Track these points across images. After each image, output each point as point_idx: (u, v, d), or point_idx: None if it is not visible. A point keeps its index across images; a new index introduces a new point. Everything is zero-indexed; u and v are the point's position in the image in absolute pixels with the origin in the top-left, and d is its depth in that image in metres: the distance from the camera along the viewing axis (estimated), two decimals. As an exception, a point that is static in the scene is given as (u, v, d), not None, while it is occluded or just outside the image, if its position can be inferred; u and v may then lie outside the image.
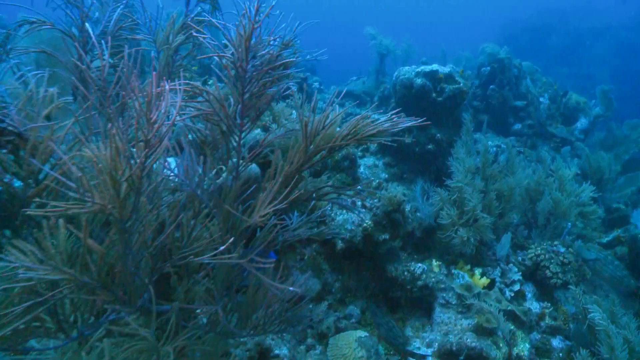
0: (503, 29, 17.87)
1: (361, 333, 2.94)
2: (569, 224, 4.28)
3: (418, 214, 3.75)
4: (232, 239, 1.28)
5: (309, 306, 2.95)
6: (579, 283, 3.71)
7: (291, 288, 1.34)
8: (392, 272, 3.14)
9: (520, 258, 3.86)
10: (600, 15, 18.13)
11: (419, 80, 4.54)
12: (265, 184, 1.45)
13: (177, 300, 1.78)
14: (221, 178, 1.79)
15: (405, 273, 3.10)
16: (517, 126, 6.64)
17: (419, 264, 3.16)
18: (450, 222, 3.55)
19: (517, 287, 3.46)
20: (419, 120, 1.83)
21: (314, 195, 1.67)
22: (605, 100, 7.13)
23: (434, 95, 4.54)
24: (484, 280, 3.37)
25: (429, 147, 4.54)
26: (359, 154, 4.86)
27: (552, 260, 3.76)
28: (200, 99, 1.52)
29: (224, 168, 1.56)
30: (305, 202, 2.20)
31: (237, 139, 1.49)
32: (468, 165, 3.82)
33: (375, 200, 3.10)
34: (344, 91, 6.38)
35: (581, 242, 3.76)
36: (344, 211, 3.10)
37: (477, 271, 3.47)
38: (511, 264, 3.68)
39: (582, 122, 6.91)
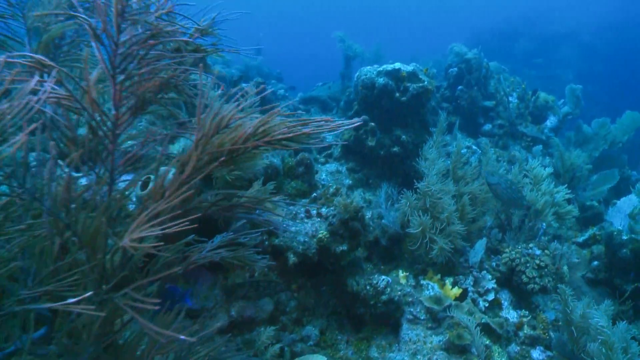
0: (473, 34, 18.18)
1: (319, 358, 2.60)
2: (544, 224, 4.07)
3: (383, 221, 3.46)
4: (89, 292, 0.93)
5: (259, 329, 2.59)
6: (556, 287, 3.47)
7: (182, 337, 1.00)
8: (354, 287, 2.82)
9: (494, 263, 3.60)
10: (565, 21, 18.75)
11: (380, 80, 4.29)
12: (148, 200, 1.11)
13: (58, 344, 1.41)
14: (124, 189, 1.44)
15: (368, 287, 2.77)
16: (488, 126, 6.49)
17: (383, 277, 2.85)
18: (421, 231, 3.25)
19: (491, 297, 3.18)
20: (355, 124, 1.52)
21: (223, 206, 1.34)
22: (574, 98, 7.09)
23: (397, 94, 4.29)
24: (456, 291, 3.08)
25: (395, 149, 4.27)
26: (322, 159, 4.56)
27: (528, 265, 3.52)
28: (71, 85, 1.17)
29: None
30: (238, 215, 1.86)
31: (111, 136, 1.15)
32: (439, 167, 3.54)
33: (331, 208, 2.79)
34: (309, 97, 5.93)
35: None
36: (297, 221, 2.77)
37: (448, 281, 3.18)
38: (484, 271, 3.41)
39: (551, 121, 6.82)
